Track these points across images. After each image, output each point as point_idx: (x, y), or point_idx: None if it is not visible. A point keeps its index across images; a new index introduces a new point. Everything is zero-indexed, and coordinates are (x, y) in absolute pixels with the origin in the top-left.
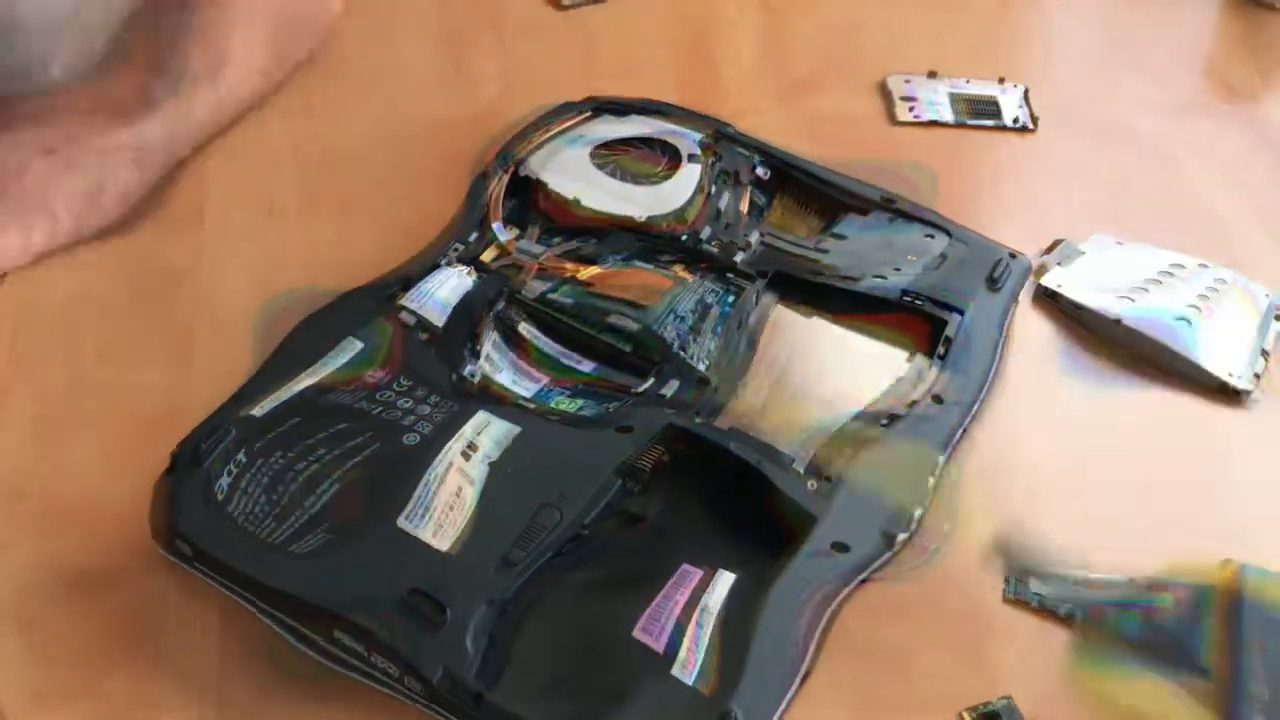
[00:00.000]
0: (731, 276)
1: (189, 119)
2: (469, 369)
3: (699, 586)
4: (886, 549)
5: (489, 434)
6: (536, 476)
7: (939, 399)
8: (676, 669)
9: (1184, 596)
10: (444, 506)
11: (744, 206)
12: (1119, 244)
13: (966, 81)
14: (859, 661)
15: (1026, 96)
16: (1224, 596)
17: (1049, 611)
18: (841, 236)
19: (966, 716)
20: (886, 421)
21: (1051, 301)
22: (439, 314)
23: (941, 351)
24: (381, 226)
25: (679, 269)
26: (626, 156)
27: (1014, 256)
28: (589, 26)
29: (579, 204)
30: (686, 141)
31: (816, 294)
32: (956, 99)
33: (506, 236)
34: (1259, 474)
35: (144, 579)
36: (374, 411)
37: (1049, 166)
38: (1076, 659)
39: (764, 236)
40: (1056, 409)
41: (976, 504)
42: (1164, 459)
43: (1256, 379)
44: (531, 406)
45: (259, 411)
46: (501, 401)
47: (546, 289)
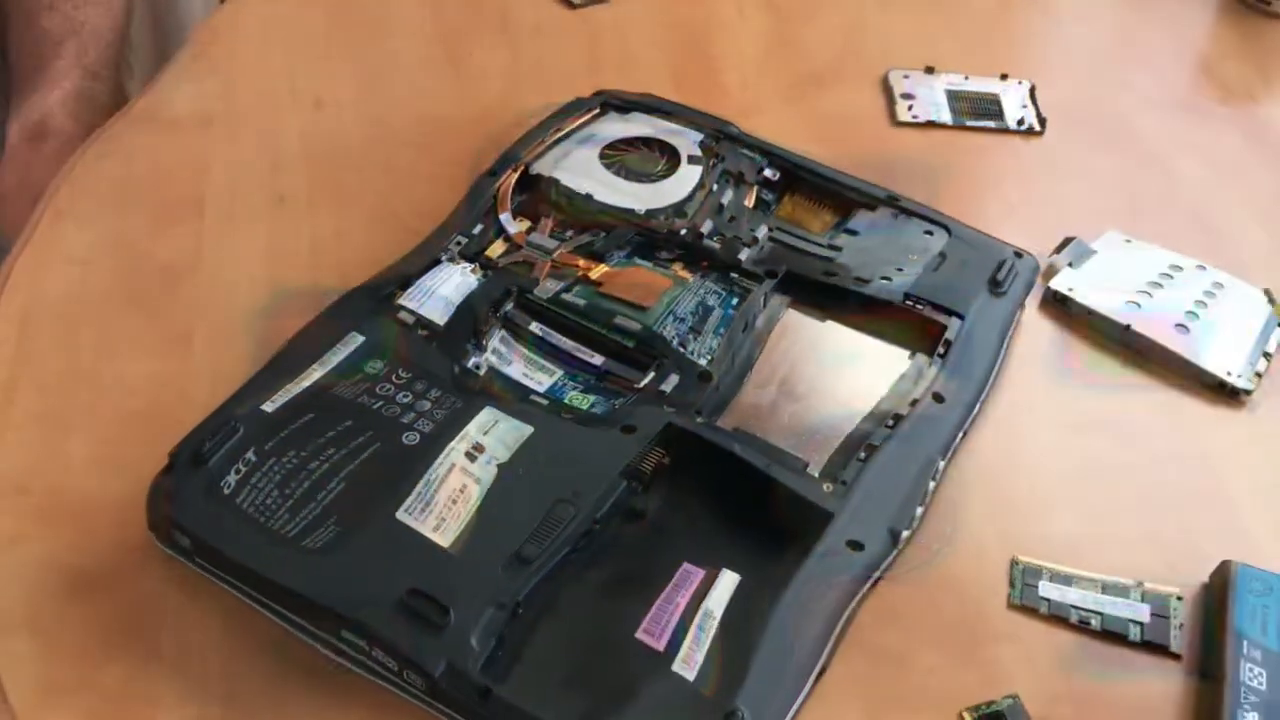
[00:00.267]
0: (736, 277)
1: None
2: (473, 362)
3: (701, 586)
4: (893, 547)
5: (496, 434)
6: (550, 475)
7: (939, 397)
8: (679, 667)
9: (1184, 597)
10: (446, 501)
11: (749, 202)
12: (1127, 241)
13: (965, 78)
14: (866, 660)
15: (1033, 94)
16: (1223, 597)
17: (1059, 618)
18: (854, 232)
19: (967, 716)
20: (891, 423)
21: (1061, 306)
22: (440, 312)
23: (941, 351)
24: (385, 221)
25: (678, 267)
26: (631, 155)
27: (1020, 256)
28: (598, 26)
29: (590, 199)
30: (687, 142)
31: (827, 295)
32: (955, 96)
33: (516, 229)
34: (1259, 474)
35: (144, 575)
36: (374, 406)
37: (1055, 165)
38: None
39: (773, 232)
40: (1058, 409)
41: (979, 505)
42: (1164, 459)
43: (1258, 378)
44: (544, 403)
45: (269, 407)
46: (510, 397)
47: (561, 288)
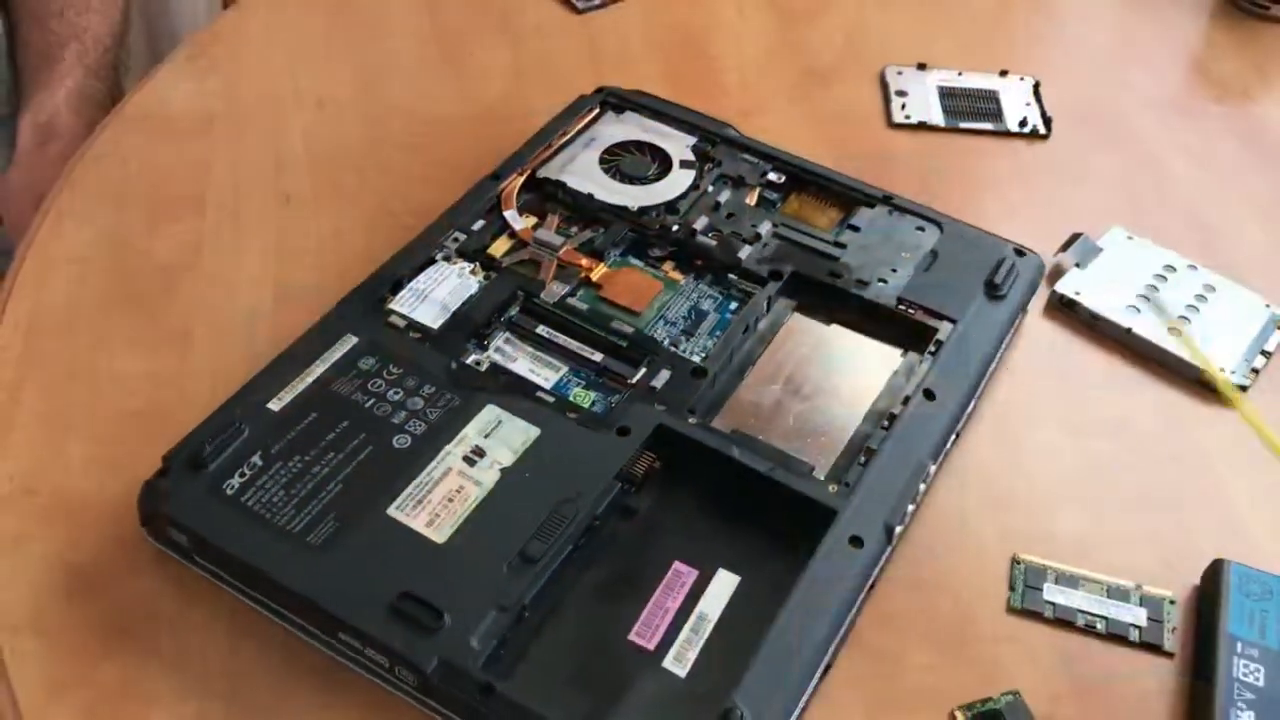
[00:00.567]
0: (734, 279)
1: None
2: (473, 358)
3: (695, 585)
4: (887, 543)
5: (499, 435)
6: (554, 475)
7: (930, 394)
8: (671, 665)
9: (1177, 600)
10: (442, 499)
11: (751, 200)
12: (1129, 238)
13: (959, 74)
14: (866, 660)
15: (1037, 91)
16: (1215, 598)
17: (1062, 621)
18: (856, 229)
19: (959, 715)
20: (887, 424)
21: (1069, 310)
22: (434, 316)
23: (932, 350)
24: (386, 221)
25: (669, 267)
26: (626, 158)
27: (1021, 254)
28: (598, 26)
29: (591, 199)
30: (680, 147)
31: (829, 298)
32: (949, 93)
33: (523, 224)
34: (1257, 474)
35: (143, 575)
36: (367, 404)
37: (1055, 165)
38: None
39: (778, 228)
40: (1057, 409)
41: (979, 504)
42: (1163, 459)
43: (1255, 374)
44: (551, 400)
45: (275, 405)
46: (515, 394)
47: (566, 292)
